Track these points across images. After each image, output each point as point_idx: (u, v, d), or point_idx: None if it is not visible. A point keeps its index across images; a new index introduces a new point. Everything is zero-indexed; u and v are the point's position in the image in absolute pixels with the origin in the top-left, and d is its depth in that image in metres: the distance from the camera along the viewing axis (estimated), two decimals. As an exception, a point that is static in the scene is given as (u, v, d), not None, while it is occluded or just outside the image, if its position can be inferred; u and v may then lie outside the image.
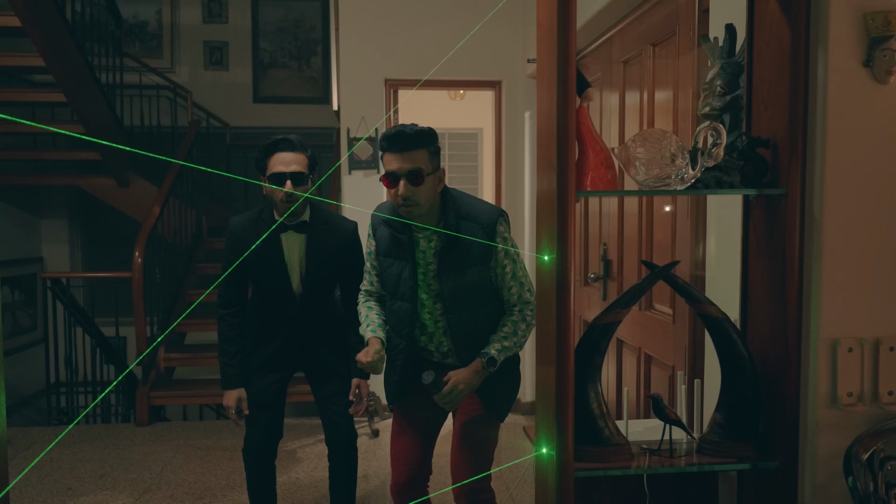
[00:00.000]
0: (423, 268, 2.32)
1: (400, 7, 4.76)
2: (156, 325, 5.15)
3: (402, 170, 2.21)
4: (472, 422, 2.37)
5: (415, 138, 2.22)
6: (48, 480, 3.79)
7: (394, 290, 2.37)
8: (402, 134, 2.22)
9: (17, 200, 6.66)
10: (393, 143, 2.23)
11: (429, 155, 2.26)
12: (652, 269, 1.86)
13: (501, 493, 3.54)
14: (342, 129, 4.81)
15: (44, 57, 4.69)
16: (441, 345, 2.37)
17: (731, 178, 1.73)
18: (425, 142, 2.25)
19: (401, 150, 2.22)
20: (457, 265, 2.27)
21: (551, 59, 1.65)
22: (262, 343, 2.78)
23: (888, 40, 1.66)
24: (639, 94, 3.09)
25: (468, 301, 2.29)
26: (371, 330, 2.37)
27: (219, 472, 3.89)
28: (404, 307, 2.34)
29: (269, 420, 2.79)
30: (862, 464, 1.66)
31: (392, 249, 2.35)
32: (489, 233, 2.26)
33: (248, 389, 2.76)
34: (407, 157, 2.22)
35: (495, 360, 2.25)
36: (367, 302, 2.50)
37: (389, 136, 2.23)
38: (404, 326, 2.35)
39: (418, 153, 2.23)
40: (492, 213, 2.30)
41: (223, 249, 2.75)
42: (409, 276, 2.31)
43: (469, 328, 2.31)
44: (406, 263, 2.32)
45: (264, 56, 7.56)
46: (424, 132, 2.26)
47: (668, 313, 2.79)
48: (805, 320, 1.73)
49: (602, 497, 1.98)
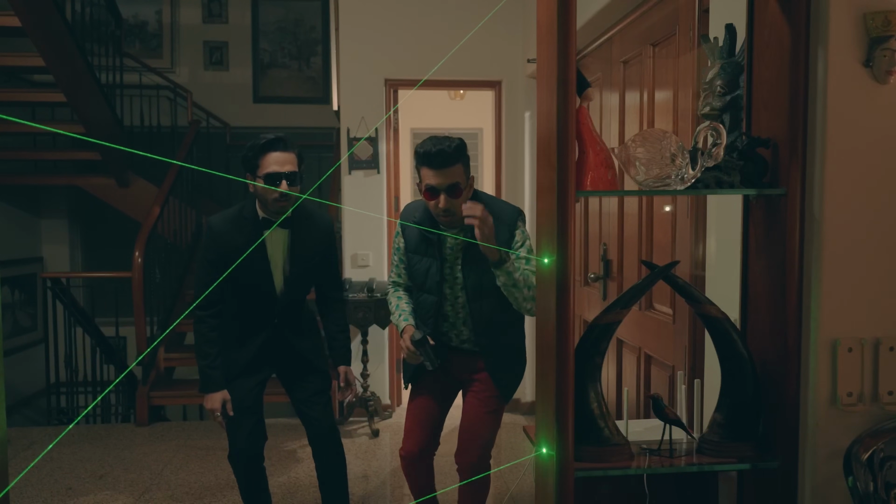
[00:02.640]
0: (451, 262, 2.55)
1: (400, 7, 4.76)
2: (156, 325, 5.15)
3: (441, 185, 2.42)
4: (480, 409, 2.60)
5: (453, 155, 2.41)
6: (48, 480, 3.79)
7: (421, 284, 2.60)
8: (442, 152, 2.39)
9: (17, 200, 6.66)
10: (433, 160, 2.40)
11: (464, 168, 2.47)
12: (652, 269, 1.86)
13: (502, 492, 3.54)
14: (342, 129, 4.81)
15: (44, 57, 4.69)
16: (461, 333, 2.61)
17: (731, 178, 1.73)
18: (461, 156, 2.45)
19: (440, 167, 2.40)
20: (480, 258, 2.44)
21: (551, 59, 1.65)
22: (242, 345, 2.74)
23: (888, 40, 1.66)
24: (639, 94, 3.09)
25: (489, 291, 2.49)
26: (404, 319, 2.61)
27: (219, 472, 3.89)
28: (430, 300, 2.58)
29: (254, 424, 2.77)
30: (862, 464, 1.66)
31: (421, 247, 2.58)
32: (511, 229, 2.49)
33: (231, 394, 2.71)
34: (447, 172, 2.41)
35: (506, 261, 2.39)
36: (396, 292, 2.73)
37: (430, 153, 2.40)
38: (430, 317, 2.59)
39: (456, 168, 2.42)
40: (512, 212, 2.54)
41: (201, 249, 2.68)
42: (436, 272, 2.55)
43: (488, 317, 2.54)
44: (434, 260, 2.55)
45: (264, 56, 7.56)
46: (460, 148, 2.45)
47: (668, 313, 2.79)
48: (805, 320, 1.73)
49: (602, 497, 1.98)
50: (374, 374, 4.74)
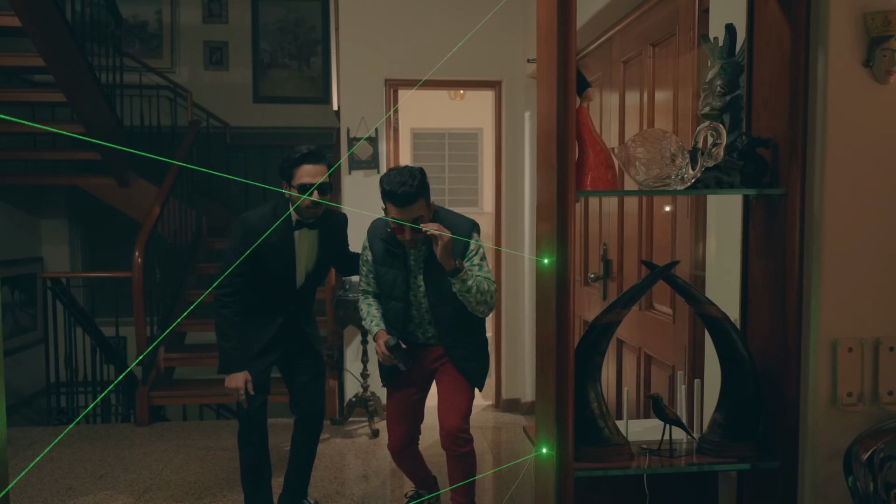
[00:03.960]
0: (414, 272, 2.84)
1: (400, 7, 4.75)
2: (156, 325, 5.15)
3: (406, 220, 2.67)
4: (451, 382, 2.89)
5: (415, 194, 2.66)
6: (48, 480, 3.79)
7: (389, 293, 2.89)
8: (406, 193, 2.63)
9: (17, 200, 6.65)
10: (397, 199, 2.65)
11: (425, 201, 2.73)
12: (652, 269, 1.86)
13: (502, 492, 3.54)
14: (342, 129, 4.81)
15: (44, 57, 4.69)
16: (427, 331, 2.92)
17: (731, 178, 1.73)
18: (422, 192, 2.69)
19: (404, 205, 2.66)
20: (439, 269, 2.73)
21: (551, 59, 1.66)
22: (262, 328, 3.04)
23: (888, 40, 1.66)
24: (639, 94, 3.09)
25: (449, 296, 2.77)
26: (376, 324, 2.92)
27: (219, 472, 3.89)
28: (398, 306, 2.88)
29: (263, 402, 3.08)
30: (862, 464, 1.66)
31: (387, 260, 2.86)
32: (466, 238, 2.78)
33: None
34: (410, 209, 2.67)
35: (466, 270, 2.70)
36: (366, 299, 3.01)
37: (395, 194, 2.64)
38: (398, 321, 2.90)
39: (418, 204, 2.68)
40: (467, 224, 2.83)
41: (233, 241, 2.93)
42: (401, 282, 2.85)
43: (451, 317, 2.83)
44: (399, 271, 2.84)
45: (264, 56, 7.56)
46: (422, 185, 2.68)
47: (668, 313, 2.79)
48: (805, 320, 1.73)
49: (602, 497, 1.98)
50: (374, 375, 4.73)
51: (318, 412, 3.20)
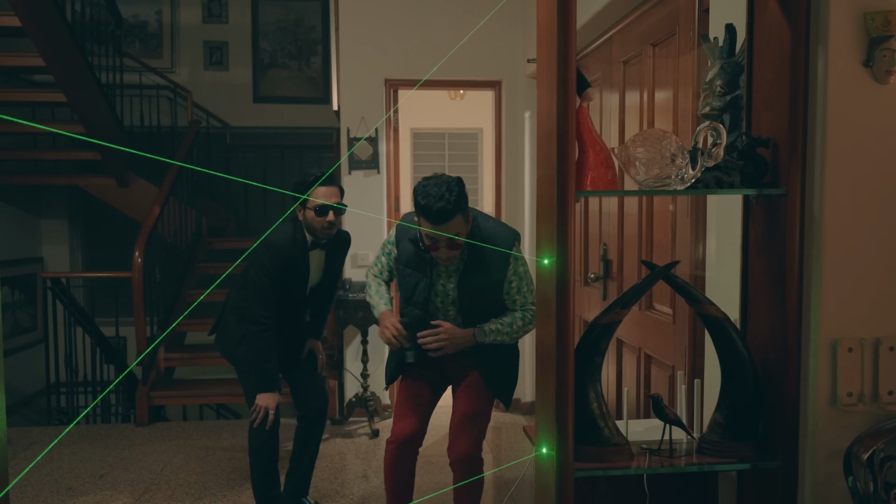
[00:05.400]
0: (444, 280, 2.60)
1: (400, 7, 4.76)
2: (156, 325, 5.15)
3: (443, 238, 2.43)
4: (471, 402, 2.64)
5: (453, 211, 2.38)
6: (48, 480, 3.79)
7: (408, 297, 2.66)
8: (442, 210, 2.36)
9: (17, 200, 6.65)
10: (433, 217, 2.39)
11: (463, 217, 2.46)
12: (652, 269, 1.86)
13: (502, 492, 3.54)
14: (342, 129, 4.81)
15: (44, 57, 4.69)
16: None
17: (731, 178, 1.73)
18: (460, 207, 2.42)
19: (440, 223, 2.40)
20: (476, 285, 2.55)
21: (551, 59, 1.66)
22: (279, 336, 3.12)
23: (888, 40, 1.66)
24: (639, 94, 3.09)
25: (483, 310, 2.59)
26: (384, 303, 2.73)
27: (219, 472, 3.89)
28: (415, 313, 2.63)
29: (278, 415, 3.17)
30: (862, 464, 1.66)
31: (412, 261, 2.62)
32: (507, 254, 2.54)
33: None
34: (445, 227, 2.41)
35: (485, 332, 2.55)
36: (376, 279, 2.82)
37: (429, 211, 2.37)
38: (413, 328, 2.63)
39: (455, 221, 2.42)
40: (508, 237, 2.57)
41: (261, 265, 2.97)
42: (423, 289, 2.60)
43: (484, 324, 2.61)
44: (423, 276, 2.60)
45: (264, 56, 7.56)
46: (459, 200, 2.40)
47: (668, 313, 2.79)
48: (805, 320, 1.73)
49: (602, 497, 1.98)
50: (374, 375, 4.74)
51: (321, 408, 3.26)
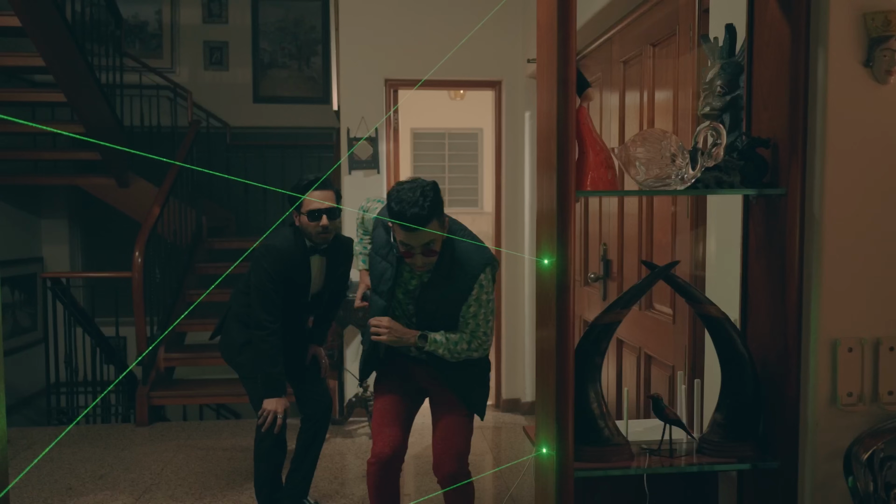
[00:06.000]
0: (409, 275, 2.52)
1: (400, 7, 4.75)
2: (156, 325, 5.15)
3: (416, 245, 2.36)
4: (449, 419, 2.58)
5: (427, 217, 2.31)
6: (48, 480, 3.79)
7: (375, 285, 2.59)
8: (416, 216, 2.28)
9: (17, 200, 6.65)
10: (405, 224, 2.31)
11: (438, 222, 2.37)
12: (652, 269, 1.86)
13: (502, 492, 3.54)
14: (342, 129, 4.81)
15: (44, 57, 4.69)
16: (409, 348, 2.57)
17: (731, 178, 1.73)
18: (435, 212, 2.34)
19: (413, 230, 2.31)
20: (437, 296, 2.47)
21: (551, 59, 1.66)
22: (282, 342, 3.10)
23: (888, 40, 1.66)
24: (639, 94, 3.09)
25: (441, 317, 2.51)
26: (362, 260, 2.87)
27: (219, 472, 3.89)
28: (380, 303, 2.56)
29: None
30: (862, 464, 1.66)
31: (383, 250, 2.55)
32: (473, 279, 2.44)
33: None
34: (421, 234, 2.33)
35: (427, 340, 2.47)
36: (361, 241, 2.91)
37: (404, 216, 2.29)
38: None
39: (430, 226, 2.33)
40: (479, 265, 2.44)
41: (261, 269, 2.92)
42: (389, 278, 2.52)
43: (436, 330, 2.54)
44: (390, 266, 2.52)
45: (264, 56, 7.56)
46: (434, 205, 2.33)
47: (668, 313, 2.79)
48: (805, 320, 1.73)
49: (602, 497, 1.98)
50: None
51: (325, 412, 3.25)
